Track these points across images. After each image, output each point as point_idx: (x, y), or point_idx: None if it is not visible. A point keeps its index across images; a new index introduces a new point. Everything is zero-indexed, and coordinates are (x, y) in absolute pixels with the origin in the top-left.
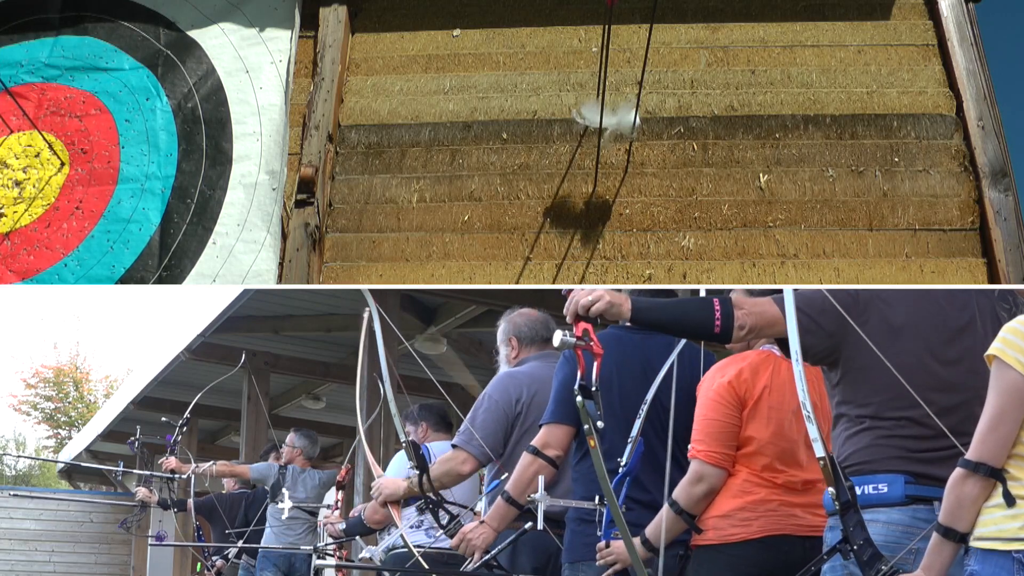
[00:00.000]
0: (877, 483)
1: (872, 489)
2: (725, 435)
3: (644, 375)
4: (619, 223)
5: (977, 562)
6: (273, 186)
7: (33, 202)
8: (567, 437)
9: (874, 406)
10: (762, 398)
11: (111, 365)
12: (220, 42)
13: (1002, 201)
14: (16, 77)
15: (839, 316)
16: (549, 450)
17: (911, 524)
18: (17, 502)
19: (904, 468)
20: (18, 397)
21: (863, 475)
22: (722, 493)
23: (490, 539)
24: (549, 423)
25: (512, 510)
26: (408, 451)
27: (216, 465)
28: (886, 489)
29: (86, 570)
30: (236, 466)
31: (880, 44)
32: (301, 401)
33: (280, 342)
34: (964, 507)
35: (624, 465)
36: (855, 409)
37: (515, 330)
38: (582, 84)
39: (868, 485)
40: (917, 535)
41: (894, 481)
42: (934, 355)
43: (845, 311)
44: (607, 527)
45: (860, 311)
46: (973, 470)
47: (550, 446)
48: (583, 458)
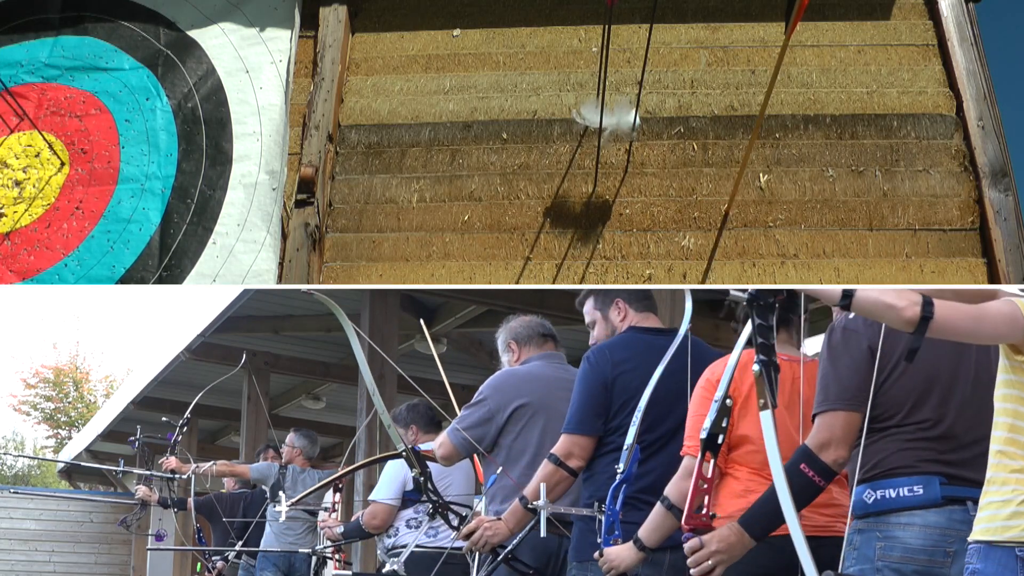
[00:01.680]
0: (912, 486)
1: (907, 492)
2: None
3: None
4: (619, 223)
5: (980, 560)
6: (273, 186)
7: (33, 202)
8: (590, 448)
9: (899, 413)
10: (751, 395)
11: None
12: (220, 42)
13: (1002, 201)
14: (16, 77)
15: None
16: (572, 461)
17: (948, 526)
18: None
19: (937, 470)
20: (18, 397)
21: (895, 478)
22: (725, 493)
23: (504, 537)
24: (574, 433)
25: (529, 515)
26: (409, 459)
27: (216, 465)
28: (922, 491)
29: (86, 570)
30: (236, 466)
31: (880, 44)
32: (301, 401)
33: (280, 342)
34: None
35: (622, 472)
36: (876, 421)
37: (512, 334)
38: (582, 84)
39: (903, 488)
40: (954, 537)
41: (929, 483)
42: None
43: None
44: (605, 533)
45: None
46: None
47: (573, 456)
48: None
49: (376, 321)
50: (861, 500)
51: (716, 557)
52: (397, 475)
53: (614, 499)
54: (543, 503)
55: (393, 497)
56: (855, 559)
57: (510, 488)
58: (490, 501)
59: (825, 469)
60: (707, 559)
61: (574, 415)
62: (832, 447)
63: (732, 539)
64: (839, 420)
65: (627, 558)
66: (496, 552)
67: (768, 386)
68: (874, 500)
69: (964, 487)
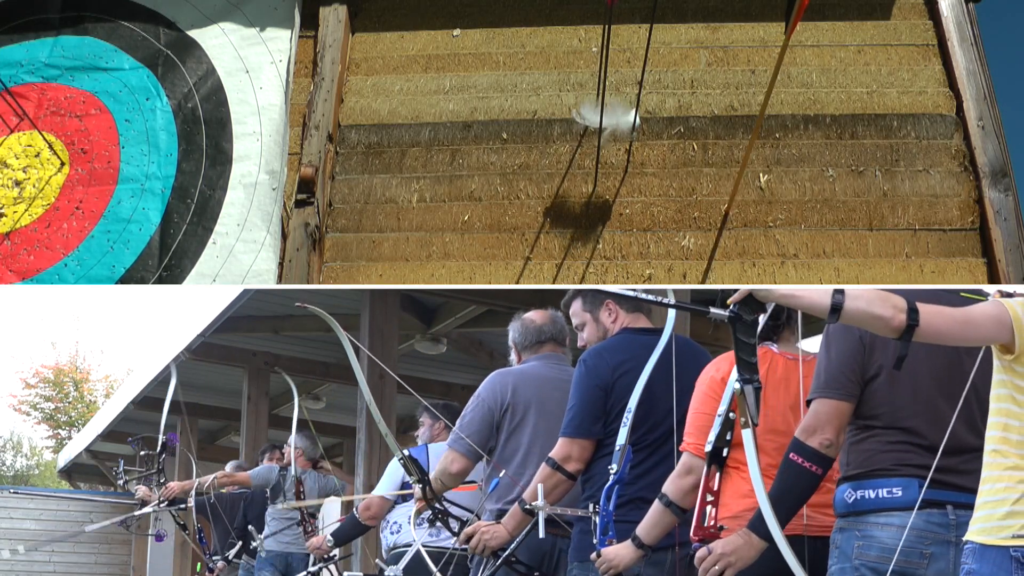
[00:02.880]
0: (891, 487)
1: (886, 493)
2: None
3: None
4: (619, 223)
5: (975, 560)
6: (273, 186)
7: (33, 202)
8: (588, 451)
9: (885, 415)
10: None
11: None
12: (220, 42)
13: (1002, 201)
14: (16, 77)
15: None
16: (570, 464)
17: (925, 528)
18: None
19: (918, 473)
20: (18, 397)
21: (875, 479)
22: (730, 493)
23: (504, 541)
24: (572, 437)
25: (528, 518)
26: (407, 467)
27: (217, 478)
28: (900, 493)
29: (86, 570)
30: (237, 474)
31: (880, 44)
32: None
33: (280, 342)
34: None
35: (615, 473)
36: (862, 419)
37: (512, 337)
38: (582, 84)
39: (882, 489)
40: (931, 539)
41: (908, 485)
42: (933, 366)
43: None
44: (601, 534)
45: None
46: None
47: (571, 460)
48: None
49: (376, 321)
50: (842, 499)
51: (724, 560)
52: (397, 472)
53: (607, 499)
54: (541, 503)
55: (388, 489)
56: (836, 558)
57: (505, 487)
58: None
59: (814, 453)
60: (715, 563)
61: (572, 419)
62: (818, 432)
63: (739, 542)
64: (825, 407)
65: (625, 556)
66: (496, 555)
67: (749, 404)
68: (854, 499)
69: (945, 491)
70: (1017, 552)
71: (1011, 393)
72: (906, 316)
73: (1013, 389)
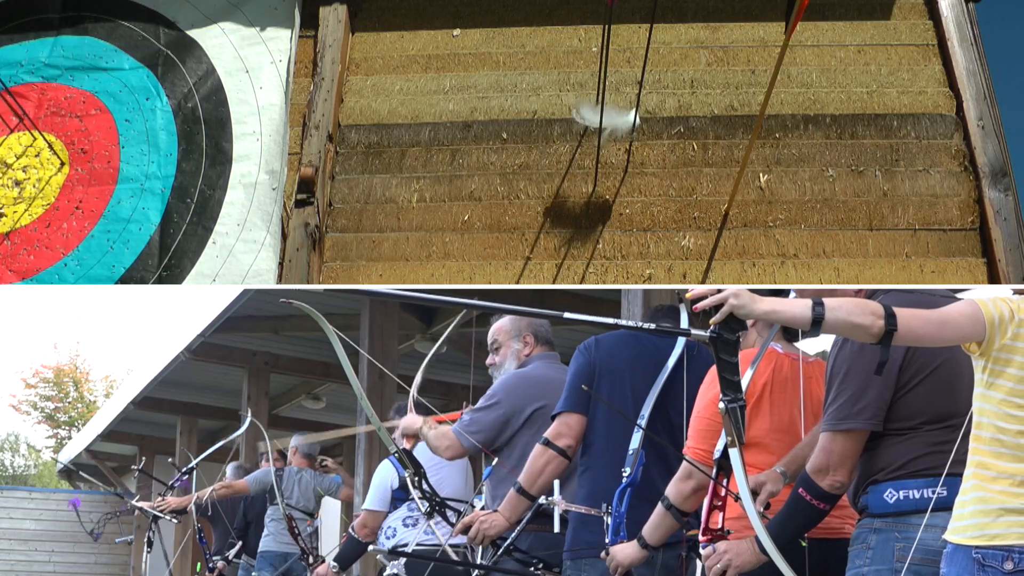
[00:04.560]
0: (936, 487)
1: (931, 493)
2: (715, 432)
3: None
4: (619, 223)
5: (946, 562)
6: (273, 186)
7: (33, 202)
8: (579, 425)
9: (927, 416)
10: (763, 396)
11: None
12: (220, 42)
13: (1002, 201)
14: (16, 77)
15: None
16: (561, 440)
17: None
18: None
19: (962, 471)
20: (18, 397)
21: (919, 479)
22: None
23: (502, 529)
24: (562, 411)
25: (524, 501)
26: (402, 459)
27: (215, 491)
28: (946, 493)
29: (86, 570)
30: (234, 483)
31: (880, 44)
32: (301, 401)
33: (280, 342)
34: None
35: (628, 476)
36: (899, 422)
37: (531, 327)
38: (582, 84)
39: (927, 489)
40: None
41: (954, 485)
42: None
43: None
44: (612, 534)
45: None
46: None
47: (562, 436)
48: (584, 453)
49: (376, 321)
50: (882, 499)
51: (725, 558)
52: (383, 481)
53: (620, 501)
54: (557, 498)
55: (379, 502)
56: (870, 559)
57: (509, 479)
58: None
59: (823, 494)
60: (717, 562)
61: (563, 395)
62: (829, 473)
63: (743, 544)
64: (838, 444)
65: (631, 555)
66: (496, 544)
67: (734, 424)
68: (896, 500)
69: None
70: (978, 554)
71: (981, 391)
72: (884, 322)
73: (980, 385)
